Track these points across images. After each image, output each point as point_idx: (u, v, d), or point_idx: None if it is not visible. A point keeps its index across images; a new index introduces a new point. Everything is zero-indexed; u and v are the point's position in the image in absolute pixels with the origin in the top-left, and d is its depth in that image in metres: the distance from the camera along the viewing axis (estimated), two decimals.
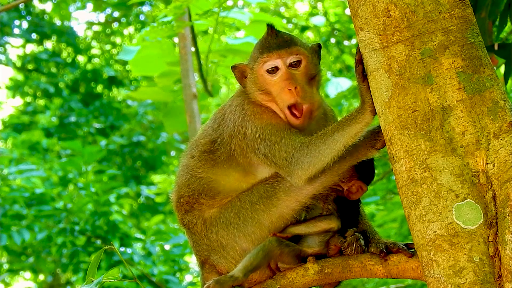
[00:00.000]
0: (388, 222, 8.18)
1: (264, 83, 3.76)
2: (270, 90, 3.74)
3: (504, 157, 3.11)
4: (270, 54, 3.74)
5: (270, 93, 3.75)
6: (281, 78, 3.72)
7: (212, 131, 3.87)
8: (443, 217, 3.12)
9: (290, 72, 3.72)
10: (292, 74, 3.72)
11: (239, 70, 3.87)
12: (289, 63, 3.74)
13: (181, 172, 3.93)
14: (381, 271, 3.55)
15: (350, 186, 3.75)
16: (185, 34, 8.55)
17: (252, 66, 3.81)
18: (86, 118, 17.27)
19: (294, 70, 3.74)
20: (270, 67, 3.75)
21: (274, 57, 3.74)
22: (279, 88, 3.71)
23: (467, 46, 3.24)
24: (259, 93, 3.77)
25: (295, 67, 3.75)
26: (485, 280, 3.04)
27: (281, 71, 3.74)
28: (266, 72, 3.75)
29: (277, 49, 3.74)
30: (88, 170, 12.44)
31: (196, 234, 3.80)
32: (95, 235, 11.79)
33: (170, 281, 12.24)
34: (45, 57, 18.66)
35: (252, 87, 3.80)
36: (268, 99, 3.76)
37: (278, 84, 3.72)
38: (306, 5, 15.48)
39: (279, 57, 3.73)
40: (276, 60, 3.74)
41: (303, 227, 3.69)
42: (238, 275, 3.58)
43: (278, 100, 3.73)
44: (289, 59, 3.74)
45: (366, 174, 3.79)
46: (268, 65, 3.75)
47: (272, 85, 3.74)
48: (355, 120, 3.46)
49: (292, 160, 3.57)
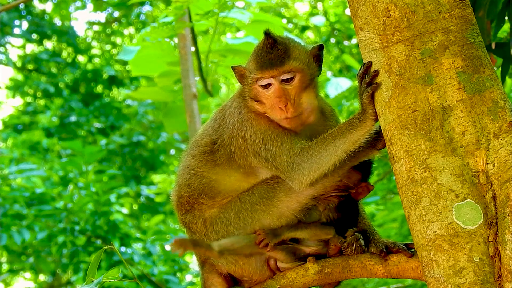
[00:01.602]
0: (388, 222, 8.17)
1: (258, 95, 3.76)
2: (264, 102, 3.75)
3: (504, 157, 3.11)
4: (264, 72, 3.72)
5: (263, 105, 3.76)
6: (273, 94, 3.71)
7: (212, 131, 3.87)
8: (443, 217, 3.12)
9: (282, 88, 3.71)
10: (284, 90, 3.70)
11: (238, 72, 3.87)
12: (281, 80, 3.73)
13: (181, 171, 3.93)
14: (381, 271, 3.55)
15: (357, 189, 3.77)
16: (185, 34, 8.54)
17: (248, 75, 3.81)
18: (86, 118, 17.27)
19: (287, 85, 3.72)
20: (263, 84, 3.74)
21: (267, 75, 3.72)
22: (272, 103, 3.72)
23: (467, 46, 3.24)
24: (254, 103, 3.78)
25: (288, 82, 3.73)
26: (485, 280, 3.04)
27: (273, 86, 3.73)
28: (259, 86, 3.75)
29: (270, 67, 3.71)
30: (88, 170, 12.45)
31: (196, 234, 3.80)
32: (95, 235, 11.80)
33: (170, 281, 12.24)
34: (45, 57, 18.66)
35: (248, 95, 3.81)
36: (262, 109, 3.77)
37: (271, 99, 3.72)
38: (306, 5, 15.48)
39: (271, 76, 3.72)
40: (269, 78, 3.73)
41: (302, 233, 3.68)
42: (214, 247, 3.58)
43: (270, 113, 3.74)
44: (282, 76, 3.72)
45: (366, 169, 3.80)
46: (261, 82, 3.74)
47: (266, 98, 3.74)
48: (356, 127, 3.46)
49: (293, 165, 3.57)
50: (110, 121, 17.49)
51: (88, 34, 20.52)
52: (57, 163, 13.88)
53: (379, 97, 3.32)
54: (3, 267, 16.36)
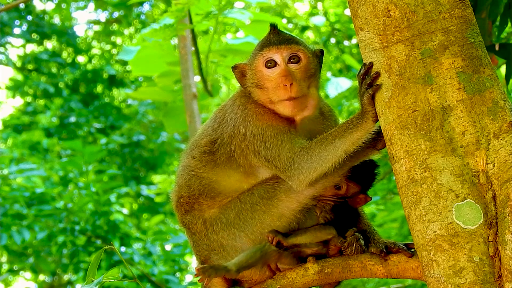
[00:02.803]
0: (388, 222, 8.18)
1: (262, 78, 3.76)
2: (267, 86, 3.74)
3: (504, 157, 3.11)
4: (270, 49, 3.76)
5: (266, 89, 3.75)
6: (278, 74, 3.72)
7: (212, 131, 3.87)
8: (443, 217, 3.12)
9: (288, 69, 3.73)
10: (290, 71, 3.72)
11: (239, 69, 3.88)
12: (288, 58, 3.75)
13: (181, 172, 3.92)
14: (381, 271, 3.55)
15: (355, 199, 3.77)
16: (185, 34, 8.55)
17: (251, 62, 3.83)
18: (86, 118, 17.27)
19: (293, 66, 3.75)
20: (268, 62, 3.76)
21: (273, 51, 3.75)
22: (275, 84, 3.72)
23: (467, 46, 3.24)
24: (255, 90, 3.78)
25: (294, 63, 3.76)
26: (485, 280, 3.04)
27: (279, 67, 3.74)
28: (264, 67, 3.76)
29: (277, 45, 3.77)
30: (88, 169, 12.45)
31: (196, 234, 3.80)
32: (95, 234, 11.80)
33: (170, 281, 12.24)
34: (45, 57, 18.66)
35: (250, 84, 3.81)
36: (264, 96, 3.76)
37: (275, 80, 3.73)
38: (306, 5, 15.47)
39: (278, 52, 3.75)
40: (275, 55, 3.75)
41: (304, 237, 3.69)
42: (231, 268, 3.59)
43: (273, 96, 3.73)
44: (289, 54, 3.75)
45: (368, 180, 3.80)
46: (266, 59, 3.76)
47: (269, 80, 3.74)
48: (356, 128, 3.45)
49: (292, 164, 3.57)
50: (110, 121, 17.49)
51: (88, 34, 20.52)
52: (57, 163, 13.88)
53: (379, 97, 3.33)
54: (3, 267, 16.36)
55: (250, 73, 3.82)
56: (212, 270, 3.55)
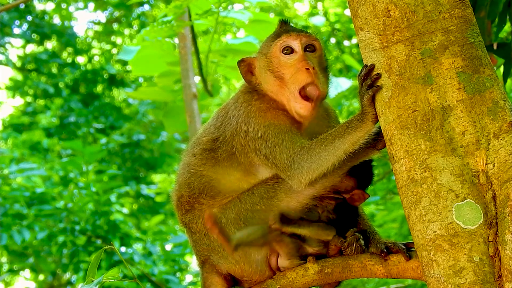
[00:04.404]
0: (388, 222, 8.18)
1: (279, 65, 3.77)
2: (284, 73, 3.75)
3: (504, 157, 3.11)
4: (288, 35, 3.80)
5: (282, 77, 3.75)
6: (297, 60, 3.74)
7: (214, 129, 3.87)
8: (443, 217, 3.12)
9: (306, 54, 3.76)
10: (308, 57, 3.75)
11: (246, 63, 3.87)
12: (305, 45, 3.78)
13: (182, 170, 3.93)
14: (381, 271, 3.55)
15: (352, 195, 3.77)
16: (185, 34, 8.55)
17: (265, 51, 3.84)
18: (86, 119, 17.27)
19: (310, 54, 3.78)
20: (286, 48, 3.78)
21: (292, 37, 3.78)
22: (295, 69, 3.73)
23: (467, 46, 3.24)
24: (269, 79, 3.78)
25: (311, 51, 3.79)
26: (485, 280, 3.04)
27: (297, 54, 3.77)
28: (281, 53, 3.78)
29: (296, 32, 3.81)
30: (88, 169, 12.45)
31: (196, 234, 3.81)
32: (95, 234, 11.80)
33: (170, 281, 12.24)
34: (45, 57, 18.66)
35: (263, 73, 3.80)
36: (279, 85, 3.76)
37: (294, 66, 3.74)
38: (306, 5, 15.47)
39: (297, 38, 3.78)
40: (293, 41, 3.78)
41: (305, 230, 3.68)
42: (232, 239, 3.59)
43: (291, 83, 3.73)
44: (306, 42, 3.79)
45: (364, 178, 3.80)
46: (285, 45, 3.78)
47: (288, 67, 3.75)
48: (356, 128, 3.45)
49: (292, 164, 3.57)
50: (110, 122, 17.49)
51: (88, 34, 20.52)
52: (57, 163, 13.88)
53: (379, 97, 3.33)
54: (3, 267, 16.36)
55: (264, 62, 3.82)
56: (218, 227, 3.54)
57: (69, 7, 19.76)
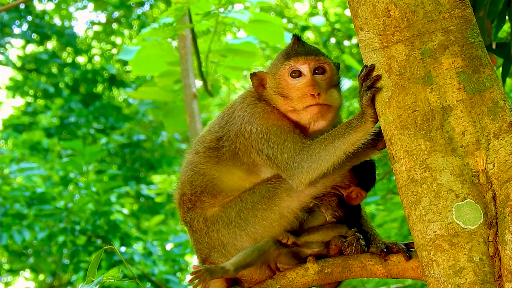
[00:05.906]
0: (388, 222, 8.18)
1: (286, 88, 3.78)
2: (291, 95, 3.76)
3: (504, 157, 3.11)
4: (297, 59, 3.78)
5: (290, 98, 3.76)
6: (305, 84, 3.75)
7: (219, 128, 3.90)
8: (443, 217, 3.12)
9: (314, 79, 3.76)
10: (316, 81, 3.75)
11: (258, 78, 3.89)
12: (314, 69, 3.77)
13: (184, 168, 3.94)
14: (381, 271, 3.56)
15: (349, 192, 3.77)
16: (185, 34, 8.55)
17: (275, 71, 3.84)
18: (86, 119, 17.27)
19: (319, 77, 3.77)
20: (295, 72, 3.78)
21: (301, 62, 3.78)
22: (301, 93, 3.74)
23: (467, 46, 3.24)
24: (277, 98, 3.79)
25: (320, 74, 3.78)
26: (485, 280, 3.04)
27: (305, 78, 3.77)
28: (290, 77, 3.78)
29: (305, 55, 3.79)
30: (89, 169, 12.45)
31: (197, 232, 3.82)
32: (95, 234, 11.80)
33: (170, 280, 12.25)
34: (45, 57, 18.65)
35: (272, 93, 3.82)
36: (286, 105, 3.77)
37: (301, 90, 3.75)
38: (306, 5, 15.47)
39: (306, 63, 3.78)
40: (302, 66, 3.78)
41: (316, 235, 3.69)
42: (229, 268, 3.58)
43: (297, 104, 3.74)
44: (315, 65, 3.78)
45: (366, 180, 3.80)
46: (292, 69, 3.78)
47: (295, 90, 3.76)
48: (355, 129, 3.47)
49: (293, 164, 3.59)
50: (110, 122, 17.49)
51: (88, 34, 20.52)
52: (57, 163, 13.88)
53: (379, 97, 3.33)
54: (3, 267, 16.36)
55: (273, 82, 3.84)
56: (207, 273, 3.51)
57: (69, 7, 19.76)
